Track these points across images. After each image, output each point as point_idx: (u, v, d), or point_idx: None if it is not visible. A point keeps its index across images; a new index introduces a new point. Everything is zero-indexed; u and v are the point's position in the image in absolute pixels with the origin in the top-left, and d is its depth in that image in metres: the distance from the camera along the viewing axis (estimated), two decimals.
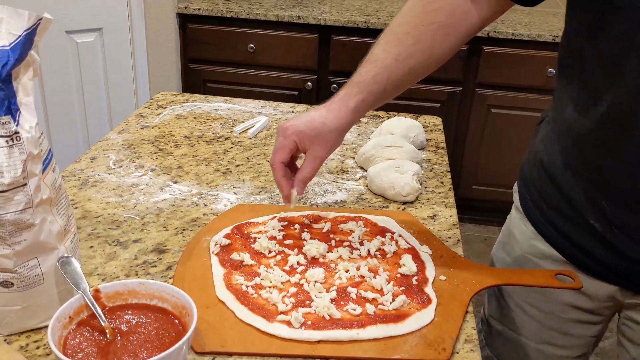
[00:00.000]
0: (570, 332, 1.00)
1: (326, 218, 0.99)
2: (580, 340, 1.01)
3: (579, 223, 0.89)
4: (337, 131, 0.91)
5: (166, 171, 1.17)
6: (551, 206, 0.93)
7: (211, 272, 0.86)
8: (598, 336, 1.03)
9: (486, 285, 0.86)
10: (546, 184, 0.93)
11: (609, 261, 0.88)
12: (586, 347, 1.03)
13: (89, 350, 0.66)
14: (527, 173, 1.00)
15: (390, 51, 0.89)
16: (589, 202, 0.86)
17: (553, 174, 0.92)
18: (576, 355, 1.04)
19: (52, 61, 2.49)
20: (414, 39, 0.88)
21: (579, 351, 1.03)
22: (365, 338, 0.75)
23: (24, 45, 0.66)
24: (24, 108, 0.67)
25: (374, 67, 0.90)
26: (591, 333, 1.01)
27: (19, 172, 0.65)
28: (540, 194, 0.95)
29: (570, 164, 0.88)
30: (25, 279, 0.70)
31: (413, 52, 0.88)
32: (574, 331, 1.00)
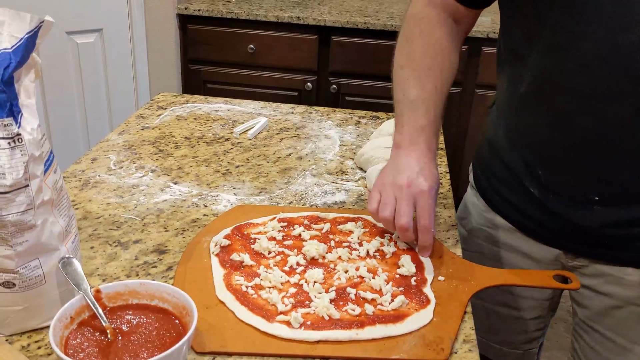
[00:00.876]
0: (522, 294, 1.08)
1: (325, 219, 1.00)
2: (532, 302, 1.09)
3: (520, 190, 0.98)
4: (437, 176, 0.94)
5: (166, 172, 1.17)
6: (497, 177, 1.04)
7: (211, 272, 0.86)
8: (550, 300, 1.10)
9: (484, 285, 0.86)
10: (492, 157, 1.05)
11: (548, 225, 0.97)
12: (540, 310, 1.11)
13: (90, 350, 0.66)
14: (479, 152, 1.12)
15: (429, 87, 0.96)
16: (526, 169, 0.96)
17: (497, 147, 1.03)
18: (531, 317, 1.11)
19: (53, 62, 2.49)
20: (439, 69, 0.97)
21: (533, 313, 1.11)
22: (364, 338, 0.75)
23: (25, 47, 0.67)
24: (25, 110, 0.68)
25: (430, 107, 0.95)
26: (542, 296, 1.09)
27: (21, 173, 0.66)
28: (489, 168, 1.07)
29: (508, 135, 1.00)
30: (26, 279, 0.70)
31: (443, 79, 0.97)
32: (525, 293, 1.08)
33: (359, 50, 2.65)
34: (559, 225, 0.95)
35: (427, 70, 0.97)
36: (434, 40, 0.98)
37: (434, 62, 0.97)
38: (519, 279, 0.90)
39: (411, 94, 0.96)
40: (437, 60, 0.97)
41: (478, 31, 2.50)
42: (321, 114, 1.50)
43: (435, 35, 0.98)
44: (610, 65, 0.80)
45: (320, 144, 1.33)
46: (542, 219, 0.97)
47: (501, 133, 1.02)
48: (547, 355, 2.21)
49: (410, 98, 0.96)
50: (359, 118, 1.49)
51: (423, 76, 0.97)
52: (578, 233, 0.94)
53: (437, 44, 0.98)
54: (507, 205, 1.03)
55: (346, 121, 1.47)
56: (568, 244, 0.97)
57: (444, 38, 0.98)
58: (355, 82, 2.72)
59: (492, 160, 1.05)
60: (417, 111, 0.95)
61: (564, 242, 0.98)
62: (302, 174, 1.19)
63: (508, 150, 1.00)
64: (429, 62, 0.97)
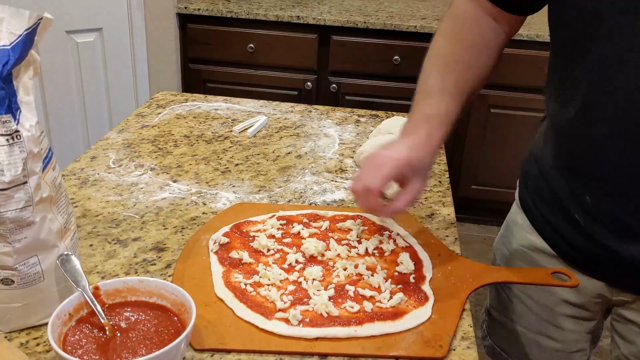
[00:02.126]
0: (563, 325, 1.02)
1: (325, 217, 1.00)
2: (573, 335, 1.03)
3: (565, 216, 0.91)
4: (428, 168, 0.89)
5: (166, 170, 1.17)
6: (543, 200, 0.96)
7: (210, 270, 0.86)
8: (593, 332, 1.04)
9: (483, 283, 0.86)
10: (539, 178, 0.97)
11: (592, 255, 0.90)
12: (581, 343, 1.04)
13: (89, 347, 0.66)
14: (525, 168, 1.04)
15: (449, 79, 0.92)
16: (572, 195, 0.89)
17: (544, 168, 0.96)
18: (572, 350, 1.05)
19: (53, 61, 2.49)
20: (465, 65, 0.93)
21: (575, 346, 1.04)
22: (363, 335, 0.75)
23: (24, 44, 0.67)
24: (24, 107, 0.68)
25: (444, 99, 0.91)
26: (584, 329, 1.02)
27: (20, 170, 0.66)
28: (535, 188, 0.99)
29: (555, 157, 0.93)
30: (25, 276, 0.71)
31: (466, 76, 0.93)
32: (567, 325, 1.02)
33: (359, 50, 2.65)
34: (604, 256, 0.88)
35: (452, 63, 0.93)
36: (466, 36, 0.94)
37: (461, 57, 0.93)
38: (517, 276, 0.90)
39: (429, 83, 0.93)
40: (465, 57, 0.93)
41: None
42: (321, 113, 1.50)
43: (469, 32, 0.94)
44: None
45: (319, 143, 1.33)
46: (586, 248, 0.90)
47: (548, 153, 0.95)
48: None
49: (427, 88, 0.93)
50: (358, 117, 1.49)
51: (445, 68, 0.93)
52: (624, 266, 0.87)
53: (469, 40, 0.94)
54: (551, 231, 0.96)
55: (346, 120, 1.47)
56: (613, 277, 0.91)
57: (478, 36, 0.94)
58: (355, 82, 2.72)
59: (539, 180, 0.98)
60: (429, 100, 0.91)
61: (609, 274, 0.91)
62: (301, 172, 1.19)
63: (555, 172, 0.93)
64: (456, 57, 0.93)
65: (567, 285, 0.86)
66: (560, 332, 1.02)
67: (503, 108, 2.70)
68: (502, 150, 2.77)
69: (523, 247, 1.02)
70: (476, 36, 0.94)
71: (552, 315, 1.01)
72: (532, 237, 1.00)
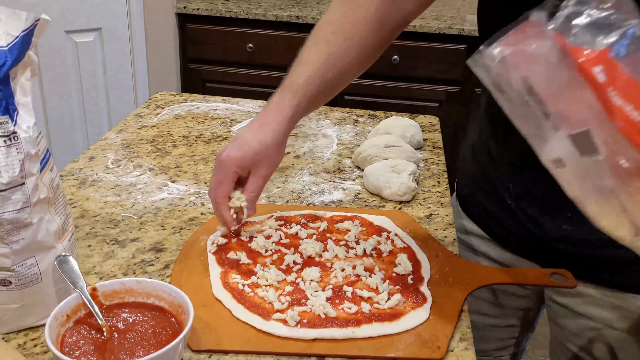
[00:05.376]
0: (498, 301, 1.06)
1: (322, 217, 1.00)
2: (508, 310, 1.07)
3: (497, 199, 0.95)
4: (276, 144, 0.87)
5: (164, 171, 1.17)
6: (476, 185, 1.01)
7: (208, 271, 0.86)
8: (525, 310, 1.08)
9: (481, 284, 0.86)
10: (473, 164, 1.02)
11: (524, 237, 0.93)
12: (513, 319, 1.08)
13: (86, 348, 0.66)
14: (463, 155, 1.09)
15: (321, 52, 0.87)
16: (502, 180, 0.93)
17: (477, 154, 1.00)
18: (504, 325, 1.09)
19: (52, 61, 2.50)
20: (344, 37, 0.87)
21: (506, 321, 1.08)
22: (361, 336, 0.75)
23: (21, 45, 0.67)
24: (21, 108, 0.68)
25: (306, 70, 0.87)
26: (518, 305, 1.06)
27: (17, 171, 0.66)
28: (469, 174, 1.04)
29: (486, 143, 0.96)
30: (23, 277, 0.71)
31: (344, 50, 0.87)
32: (502, 301, 1.06)
33: None
34: (532, 239, 0.92)
35: (329, 34, 0.88)
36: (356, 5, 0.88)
37: (341, 28, 0.87)
38: (516, 277, 0.90)
39: (301, 55, 0.89)
40: (346, 28, 0.87)
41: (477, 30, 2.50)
42: (319, 113, 1.50)
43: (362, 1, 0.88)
44: None
45: (318, 143, 1.33)
46: (516, 231, 0.94)
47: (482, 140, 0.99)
48: (542, 353, 2.22)
49: (297, 59, 0.89)
50: (357, 117, 1.49)
51: (321, 40, 0.88)
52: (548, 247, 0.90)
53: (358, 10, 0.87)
54: (483, 212, 1.00)
55: (344, 120, 1.47)
56: (541, 258, 0.93)
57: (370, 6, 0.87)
58: (354, 81, 2.72)
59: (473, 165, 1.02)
60: (293, 72, 0.88)
61: (538, 256, 0.94)
62: (299, 173, 1.19)
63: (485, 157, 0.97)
64: (337, 27, 0.88)
65: (565, 286, 0.86)
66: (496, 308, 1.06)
67: None
68: None
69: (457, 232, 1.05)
70: (370, 5, 0.87)
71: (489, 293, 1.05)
72: (462, 221, 1.05)
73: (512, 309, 1.07)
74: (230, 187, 0.87)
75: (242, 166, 0.86)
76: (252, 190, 0.88)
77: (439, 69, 2.61)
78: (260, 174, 0.87)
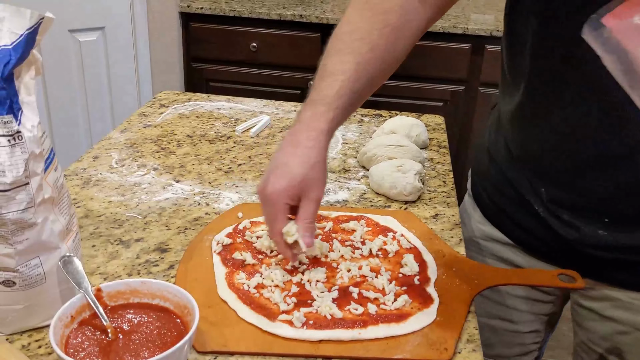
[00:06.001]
0: (519, 307, 1.03)
1: (328, 217, 0.99)
2: (530, 316, 1.04)
3: (523, 205, 0.91)
4: (319, 163, 0.80)
5: (168, 170, 1.17)
6: (497, 189, 0.97)
7: (213, 271, 0.86)
8: (550, 315, 1.05)
9: (488, 285, 0.85)
10: (492, 168, 0.98)
11: (552, 244, 0.90)
12: (537, 324, 1.06)
13: (91, 349, 0.66)
14: (477, 158, 1.05)
15: (348, 62, 0.82)
16: (529, 185, 0.90)
17: (497, 158, 0.96)
18: (527, 330, 1.06)
19: (55, 60, 2.49)
20: (369, 46, 0.83)
21: (530, 327, 1.05)
22: (367, 338, 0.74)
23: (26, 44, 0.66)
24: (26, 107, 0.67)
25: (336, 81, 0.82)
26: (541, 311, 1.04)
27: (21, 171, 0.65)
28: (488, 179, 1.00)
29: (509, 149, 0.93)
30: (27, 278, 0.70)
31: (370, 59, 0.83)
32: (522, 307, 1.03)
33: None
34: (562, 244, 0.88)
35: (355, 42, 0.83)
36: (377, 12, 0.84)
37: (367, 36, 0.83)
38: (524, 278, 0.89)
39: (326, 65, 0.83)
40: (372, 35, 0.83)
41: (481, 29, 2.49)
42: None
43: (382, 8, 0.84)
44: None
45: None
46: (544, 237, 0.91)
47: (501, 143, 0.95)
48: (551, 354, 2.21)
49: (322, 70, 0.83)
50: (361, 116, 1.48)
51: (346, 48, 0.83)
52: (582, 254, 0.87)
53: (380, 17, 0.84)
54: (507, 219, 0.96)
55: (349, 119, 1.46)
56: (572, 263, 0.90)
57: (391, 13, 0.84)
58: None
59: (491, 169, 0.98)
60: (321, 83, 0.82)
61: (568, 261, 0.90)
62: None
63: (509, 162, 0.93)
64: (361, 34, 0.84)
65: (574, 287, 0.86)
66: (515, 312, 1.03)
67: None
68: None
69: (475, 238, 1.03)
70: (391, 13, 0.84)
71: (505, 298, 1.02)
72: (485, 228, 1.01)
73: (537, 314, 1.04)
74: (284, 221, 0.80)
75: (291, 196, 0.79)
76: (306, 218, 0.80)
77: (444, 68, 2.60)
78: (311, 198, 0.80)
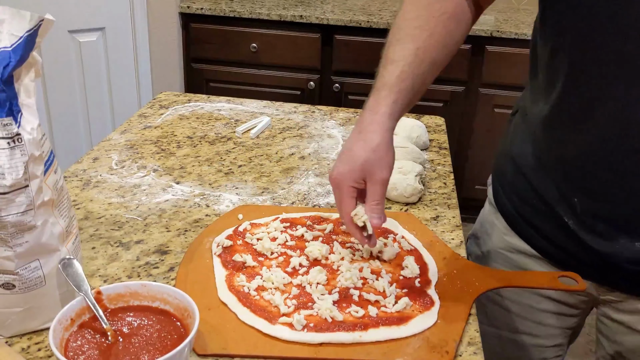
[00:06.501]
0: (544, 321, 1.00)
1: (329, 219, 0.99)
2: (554, 330, 1.02)
3: (552, 217, 0.88)
4: (382, 145, 0.81)
5: (168, 172, 1.16)
6: (523, 200, 0.93)
7: (213, 273, 0.85)
8: (574, 328, 1.03)
9: (489, 287, 0.85)
10: (517, 177, 0.94)
11: (582, 256, 0.87)
12: (561, 338, 1.03)
13: (91, 352, 0.65)
14: (499, 166, 1.01)
15: (408, 48, 0.85)
16: (559, 195, 0.86)
17: (523, 167, 0.92)
18: (551, 344, 1.04)
19: (55, 60, 2.49)
20: (428, 32, 0.85)
21: (554, 341, 1.03)
22: (368, 341, 0.74)
23: (25, 46, 0.66)
24: (25, 109, 0.67)
25: (397, 67, 0.84)
26: (567, 325, 1.01)
27: (21, 173, 0.65)
28: (513, 188, 0.96)
29: (537, 154, 0.89)
30: (26, 280, 0.70)
31: (430, 45, 0.85)
32: (548, 321, 1.00)
33: (362, 49, 2.64)
34: (594, 257, 0.85)
35: (413, 29, 0.86)
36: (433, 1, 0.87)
37: (425, 23, 0.85)
38: (524, 280, 0.89)
39: (387, 54, 0.86)
40: (430, 23, 0.85)
41: (482, 30, 2.49)
42: (324, 113, 1.49)
43: None
44: None
45: (323, 144, 1.32)
46: (574, 250, 0.87)
47: (528, 150, 0.91)
48: None
49: (384, 59, 0.86)
50: None
51: (406, 36, 0.86)
52: (615, 267, 0.85)
53: (436, 5, 0.86)
54: (533, 231, 0.93)
55: (349, 120, 1.46)
56: (603, 277, 0.88)
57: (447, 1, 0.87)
58: (358, 81, 2.71)
59: (517, 180, 0.94)
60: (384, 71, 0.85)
61: (599, 274, 0.88)
62: (304, 174, 1.19)
63: (537, 171, 0.90)
64: (420, 22, 0.86)
65: (575, 289, 0.85)
66: (541, 327, 1.01)
67: (508, 108, 2.68)
68: None
69: (500, 249, 1.00)
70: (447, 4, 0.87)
71: (533, 313, 1.00)
72: (509, 239, 0.98)
73: (561, 329, 1.02)
74: (352, 204, 0.82)
75: (355, 179, 0.81)
76: (374, 199, 0.81)
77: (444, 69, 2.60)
78: (376, 180, 0.81)
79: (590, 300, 0.95)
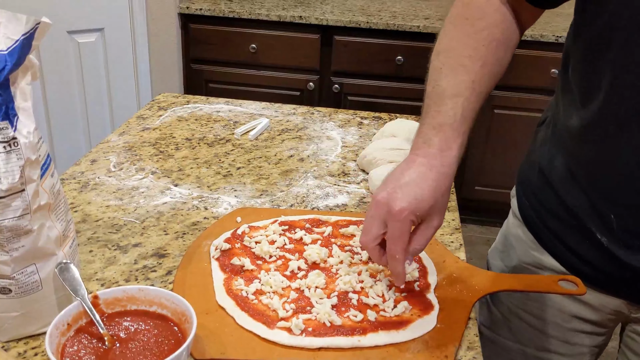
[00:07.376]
0: (573, 340, 0.98)
1: (327, 222, 0.98)
2: (582, 348, 0.99)
3: (583, 233, 0.85)
4: (448, 191, 0.78)
5: (167, 174, 1.16)
6: (552, 214, 0.90)
7: (211, 277, 0.85)
8: (601, 346, 1.01)
9: (489, 291, 0.85)
10: (545, 190, 0.91)
11: (615, 274, 0.84)
12: (588, 356, 1.01)
13: (87, 357, 0.65)
14: (525, 178, 0.97)
15: (464, 81, 0.81)
16: (593, 211, 0.83)
17: (553, 180, 0.89)
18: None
19: (54, 61, 2.49)
20: (481, 62, 0.82)
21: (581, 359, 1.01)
22: (367, 345, 0.74)
23: (22, 49, 0.65)
24: (22, 113, 0.66)
25: (458, 103, 0.80)
26: (595, 343, 0.99)
27: (17, 178, 0.65)
28: (540, 201, 0.93)
29: (569, 169, 0.86)
30: (23, 285, 0.69)
31: (483, 75, 0.82)
32: (576, 340, 0.98)
33: (361, 50, 2.64)
34: (626, 275, 0.83)
35: (465, 59, 0.82)
36: (480, 28, 0.83)
37: (476, 52, 0.82)
38: (524, 284, 0.88)
39: (441, 85, 0.81)
40: (480, 51, 0.82)
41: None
42: (323, 115, 1.49)
43: (484, 22, 0.83)
44: None
45: (322, 146, 1.32)
46: (607, 268, 0.84)
47: (559, 164, 0.88)
48: None
49: (438, 91, 0.81)
50: (361, 119, 1.48)
51: (459, 66, 0.82)
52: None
53: (484, 32, 0.83)
54: (564, 248, 0.89)
55: (348, 122, 1.45)
56: (635, 295, 0.85)
57: (494, 28, 0.83)
58: (358, 82, 2.71)
59: (545, 193, 0.90)
60: (441, 106, 0.80)
61: (630, 292, 0.86)
62: (303, 176, 1.18)
63: (568, 185, 0.86)
64: (470, 51, 0.82)
65: (575, 293, 0.85)
66: (568, 346, 0.99)
67: (507, 109, 2.69)
68: (505, 151, 2.76)
69: (527, 265, 0.97)
70: (493, 27, 0.83)
71: (560, 331, 0.97)
72: (537, 254, 0.95)
73: (589, 347, 0.99)
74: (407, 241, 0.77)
75: (417, 217, 0.76)
76: (421, 243, 0.78)
77: None
78: (432, 225, 0.77)
79: (620, 318, 0.93)
